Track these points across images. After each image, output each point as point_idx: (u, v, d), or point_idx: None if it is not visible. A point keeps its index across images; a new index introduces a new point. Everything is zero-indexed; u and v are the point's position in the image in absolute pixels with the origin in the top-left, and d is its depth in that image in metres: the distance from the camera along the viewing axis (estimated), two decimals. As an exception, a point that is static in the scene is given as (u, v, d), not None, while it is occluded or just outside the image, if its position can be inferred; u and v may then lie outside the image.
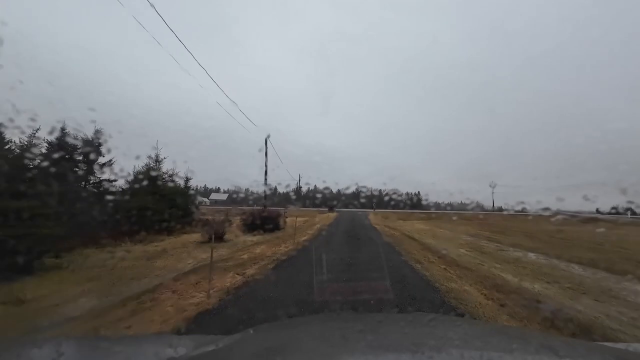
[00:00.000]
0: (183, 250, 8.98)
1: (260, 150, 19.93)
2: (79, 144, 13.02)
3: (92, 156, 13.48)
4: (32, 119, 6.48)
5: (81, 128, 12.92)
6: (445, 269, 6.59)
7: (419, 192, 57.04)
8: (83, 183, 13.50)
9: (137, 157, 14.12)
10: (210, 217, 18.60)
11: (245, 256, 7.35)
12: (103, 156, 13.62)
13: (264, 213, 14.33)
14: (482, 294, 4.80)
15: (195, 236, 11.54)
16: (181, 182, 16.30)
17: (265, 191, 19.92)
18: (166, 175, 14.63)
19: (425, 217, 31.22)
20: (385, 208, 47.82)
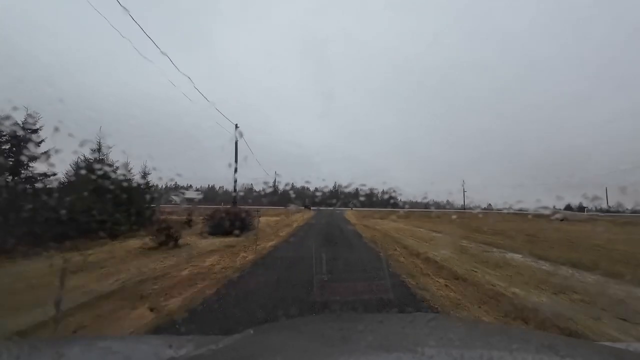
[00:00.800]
0: (121, 260, 7.30)
1: (232, 141, 18.20)
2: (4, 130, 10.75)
3: (21, 145, 11.28)
4: None
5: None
6: (446, 285, 5.47)
7: (394, 190, 56.93)
8: (10, 178, 11.25)
9: (76, 151, 11.88)
10: (171, 218, 16.68)
11: (186, 272, 5.73)
12: (39, 145, 11.52)
13: (231, 213, 12.73)
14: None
15: (145, 241, 9.79)
16: (156, 180, 14.36)
17: (235, 187, 18.26)
18: (115, 169, 12.59)
19: (403, 215, 30.87)
20: (364, 206, 47.41)
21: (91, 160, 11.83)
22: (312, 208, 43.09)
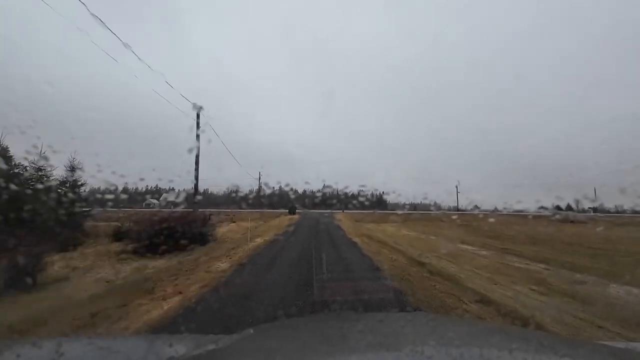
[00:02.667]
0: None
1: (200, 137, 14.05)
2: None
3: None
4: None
5: None
6: None
7: (383, 192, 53.13)
8: None
9: None
10: (105, 227, 12.33)
11: None
12: None
13: (171, 220, 8.53)
14: None
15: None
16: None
17: (196, 185, 14.12)
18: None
19: (403, 219, 27.32)
20: (358, 209, 43.79)
21: None
22: (297, 211, 38.73)
